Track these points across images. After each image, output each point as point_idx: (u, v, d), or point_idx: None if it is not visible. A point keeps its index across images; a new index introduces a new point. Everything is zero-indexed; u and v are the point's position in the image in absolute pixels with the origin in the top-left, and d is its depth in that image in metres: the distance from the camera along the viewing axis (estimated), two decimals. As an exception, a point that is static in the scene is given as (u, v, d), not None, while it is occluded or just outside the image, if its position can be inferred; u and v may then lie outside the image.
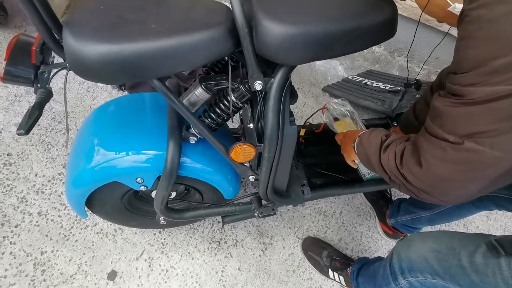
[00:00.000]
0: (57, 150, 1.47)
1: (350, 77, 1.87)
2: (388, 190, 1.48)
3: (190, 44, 0.59)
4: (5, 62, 0.60)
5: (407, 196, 1.38)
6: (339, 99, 1.18)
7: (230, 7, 0.61)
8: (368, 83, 1.72)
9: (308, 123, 1.27)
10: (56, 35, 0.63)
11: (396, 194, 1.56)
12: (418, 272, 0.76)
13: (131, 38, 0.56)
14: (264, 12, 0.60)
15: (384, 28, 0.67)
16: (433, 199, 0.61)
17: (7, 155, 1.42)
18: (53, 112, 1.58)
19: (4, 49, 1.75)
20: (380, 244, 1.44)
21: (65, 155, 1.46)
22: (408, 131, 1.13)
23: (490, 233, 1.54)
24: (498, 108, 0.45)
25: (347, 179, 1.18)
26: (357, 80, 1.79)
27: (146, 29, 0.58)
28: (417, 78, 1.34)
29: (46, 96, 0.62)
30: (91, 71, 0.57)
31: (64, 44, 0.56)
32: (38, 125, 1.54)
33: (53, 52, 0.68)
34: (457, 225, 1.54)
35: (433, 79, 1.97)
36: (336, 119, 1.21)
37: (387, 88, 1.62)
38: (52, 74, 0.65)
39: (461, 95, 0.49)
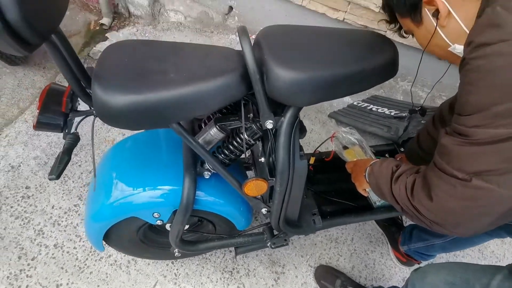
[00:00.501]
0: (73, 182, 1.52)
1: (355, 103, 1.91)
2: (400, 216, 1.47)
3: (207, 91, 0.64)
4: (38, 111, 0.66)
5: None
6: (348, 128, 1.22)
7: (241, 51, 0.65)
8: (373, 109, 1.76)
9: (317, 152, 1.30)
10: (83, 84, 0.69)
11: (408, 220, 1.55)
12: None
13: (153, 88, 0.61)
14: (274, 59, 0.65)
15: (386, 69, 0.71)
16: (445, 231, 0.62)
17: (26, 188, 1.48)
18: (70, 145, 1.64)
19: (25, 86, 1.86)
20: (394, 272, 1.42)
21: (80, 187, 1.51)
22: (413, 160, 1.14)
23: (505, 257, 1.52)
24: (503, 149, 0.48)
25: (357, 206, 1.19)
26: (363, 106, 1.83)
27: (166, 79, 0.63)
28: (422, 104, 1.38)
29: (74, 141, 0.67)
30: (118, 119, 0.62)
31: (93, 95, 0.61)
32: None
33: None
34: (472, 250, 1.51)
35: (438, 102, 2.00)
36: (345, 147, 1.23)
37: (392, 114, 1.66)
38: (79, 120, 0.70)
39: (466, 135, 0.52)
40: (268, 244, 1.09)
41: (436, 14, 0.59)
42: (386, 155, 1.41)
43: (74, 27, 2.13)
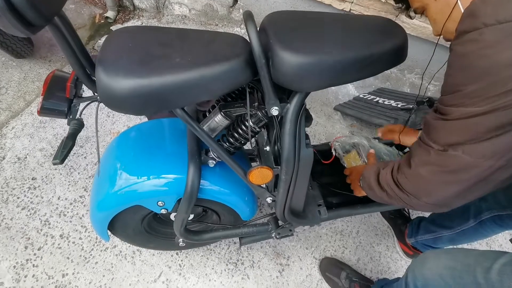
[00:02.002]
0: (78, 173, 1.52)
1: (361, 96, 1.89)
2: (406, 209, 1.45)
3: (211, 76, 0.63)
4: (42, 97, 0.65)
5: (427, 214, 1.36)
6: (348, 132, 1.22)
7: (248, 39, 0.65)
8: (379, 101, 1.73)
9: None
10: (88, 71, 0.68)
11: (414, 212, 1.53)
12: None
13: (157, 72, 0.60)
14: (280, 43, 0.63)
15: (395, 54, 0.69)
16: (420, 203, 0.68)
17: (32, 179, 1.49)
18: (75, 137, 1.65)
19: (31, 79, 1.87)
20: (400, 265, 1.41)
21: (86, 178, 1.52)
22: None
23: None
24: (470, 124, 0.54)
25: (362, 198, 1.18)
26: (369, 98, 1.81)
27: (171, 64, 0.62)
28: (429, 95, 1.35)
29: (78, 127, 0.66)
30: (122, 104, 0.61)
31: (96, 79, 0.61)
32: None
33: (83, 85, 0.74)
34: (479, 243, 1.50)
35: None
36: (344, 152, 1.24)
37: (399, 105, 1.64)
38: (83, 106, 0.70)
39: (444, 113, 0.58)
40: (273, 235, 1.08)
41: None
42: (393, 146, 1.39)
43: (79, 20, 2.14)
